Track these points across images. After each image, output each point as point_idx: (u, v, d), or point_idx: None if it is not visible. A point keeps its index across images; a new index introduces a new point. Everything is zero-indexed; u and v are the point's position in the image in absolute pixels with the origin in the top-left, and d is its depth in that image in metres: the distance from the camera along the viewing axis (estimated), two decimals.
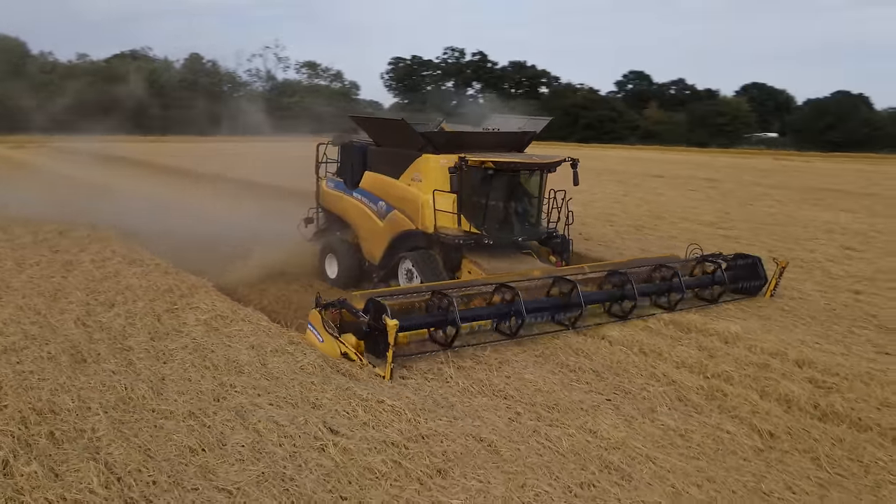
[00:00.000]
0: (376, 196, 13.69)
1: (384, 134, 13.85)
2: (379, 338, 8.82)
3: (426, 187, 12.42)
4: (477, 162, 11.83)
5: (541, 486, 6.33)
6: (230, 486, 6.12)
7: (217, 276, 13.24)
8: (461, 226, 12.28)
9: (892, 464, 7.10)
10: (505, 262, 12.48)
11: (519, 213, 12.93)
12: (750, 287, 13.10)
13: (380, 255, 13.56)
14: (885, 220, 23.55)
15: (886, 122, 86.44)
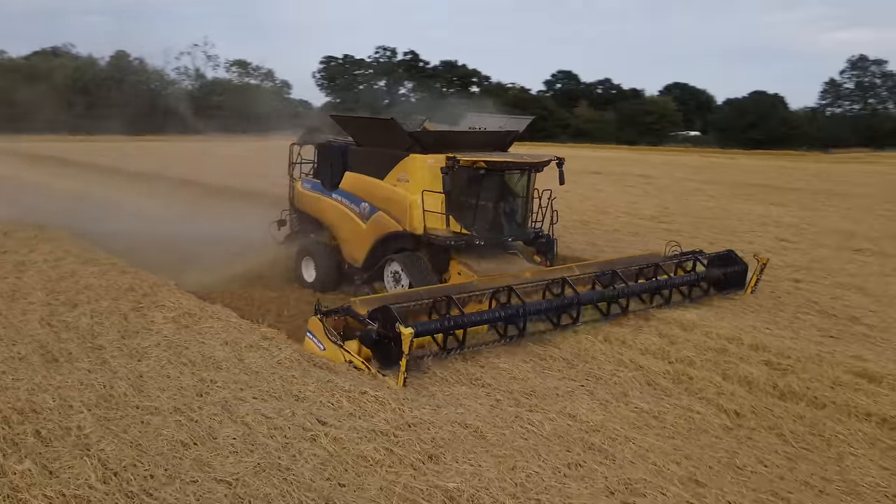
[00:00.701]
0: (358, 197, 13.35)
1: (368, 134, 13.54)
2: (390, 346, 8.62)
3: (414, 188, 12.14)
4: (468, 162, 11.67)
5: (531, 467, 6.56)
6: (229, 478, 6.18)
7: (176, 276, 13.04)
8: (450, 226, 12.05)
9: (850, 437, 7.57)
10: (494, 263, 12.32)
11: (508, 214, 12.77)
12: (733, 284, 13.13)
13: (363, 257, 13.27)
14: (813, 213, 24.66)
15: (802, 120, 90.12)
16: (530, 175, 12.72)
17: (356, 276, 13.58)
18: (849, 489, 6.59)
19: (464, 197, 12.12)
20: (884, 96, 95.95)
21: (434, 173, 11.89)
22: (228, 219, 18.48)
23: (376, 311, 8.98)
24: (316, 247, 14.41)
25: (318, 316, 9.19)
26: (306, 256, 14.55)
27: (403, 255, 12.41)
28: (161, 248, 15.20)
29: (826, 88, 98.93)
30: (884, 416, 8.01)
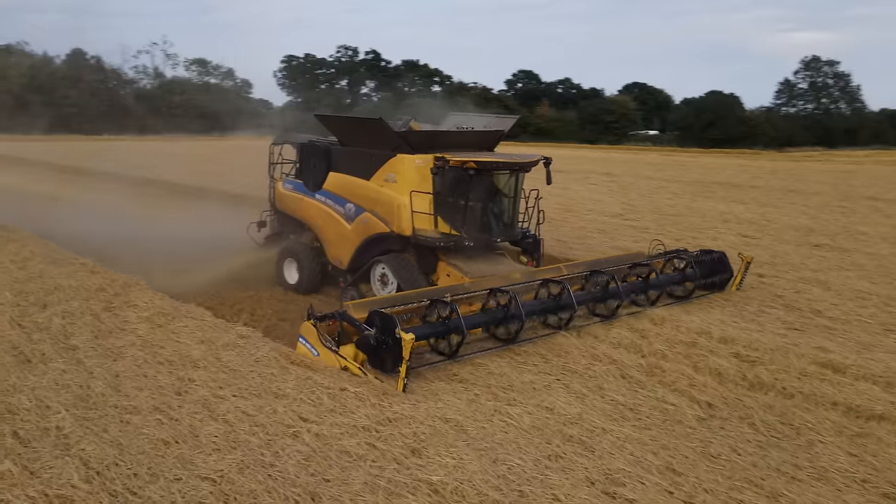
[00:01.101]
0: (343, 198, 13.12)
1: (354, 134, 13.33)
2: (388, 351, 8.43)
3: (401, 188, 11.96)
4: (458, 162, 11.44)
5: (512, 459, 6.66)
6: (213, 475, 6.18)
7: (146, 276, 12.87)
8: (438, 227, 11.87)
9: (819, 425, 7.80)
10: (483, 265, 12.16)
11: (496, 214, 12.62)
12: (718, 282, 13.21)
13: (348, 259, 13.05)
14: (772, 210, 25.19)
15: (759, 120, 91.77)
16: (519, 175, 12.58)
17: (341, 278, 13.40)
18: (819, 475, 6.80)
19: (452, 197, 11.94)
20: (836, 96, 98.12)
21: (422, 173, 11.77)
22: (191, 219, 18.31)
23: (373, 316, 8.79)
24: (299, 248, 14.18)
25: (312, 321, 8.97)
26: (289, 258, 14.33)
27: (391, 256, 12.24)
28: (128, 249, 14.99)
29: (781, 88, 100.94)
30: (849, 405, 8.27)
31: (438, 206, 11.82)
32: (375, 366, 8.60)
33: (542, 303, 10.60)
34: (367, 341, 8.59)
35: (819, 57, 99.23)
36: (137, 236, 16.34)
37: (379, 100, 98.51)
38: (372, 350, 8.60)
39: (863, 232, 20.32)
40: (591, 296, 11.29)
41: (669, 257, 13.34)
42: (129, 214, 20.12)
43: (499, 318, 9.91)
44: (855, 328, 11.31)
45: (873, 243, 18.68)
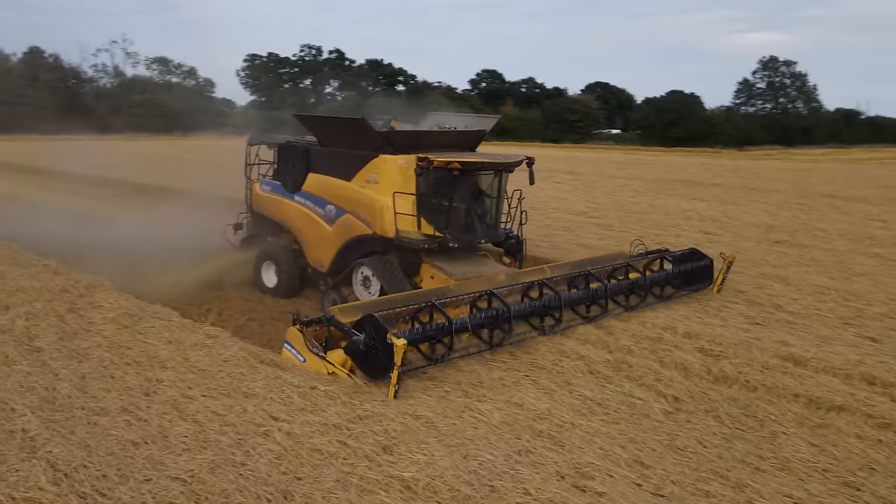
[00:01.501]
0: (323, 199, 12.86)
1: (334, 134, 13.08)
2: (378, 357, 8.24)
3: (384, 189, 11.74)
4: (442, 162, 11.26)
5: (483, 455, 6.72)
6: (183, 475, 6.16)
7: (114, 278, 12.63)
8: (421, 229, 11.68)
9: (781, 417, 7.98)
10: (467, 266, 11.97)
11: (480, 215, 12.45)
12: (699, 282, 13.11)
13: (328, 261, 12.84)
14: (733, 208, 25.55)
15: (720, 119, 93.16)
16: (503, 175, 12.43)
17: (321, 281, 13.19)
18: (782, 465, 6.97)
19: (436, 198, 11.73)
20: (793, 96, 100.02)
21: (405, 174, 11.59)
22: (156, 219, 18.09)
23: (362, 321, 8.56)
24: (278, 251, 13.93)
25: (298, 326, 8.76)
26: (267, 261, 14.08)
27: (373, 258, 12.04)
28: (93, 251, 14.70)
29: (740, 88, 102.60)
30: (810, 397, 8.47)
31: (422, 208, 11.64)
32: (365, 372, 8.39)
33: (530, 306, 10.46)
34: (357, 347, 8.38)
35: (777, 57, 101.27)
36: (102, 237, 16.05)
37: (343, 99, 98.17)
38: (361, 356, 8.38)
39: (821, 229, 20.74)
40: (578, 298, 11.16)
41: (652, 258, 13.27)
42: (91, 215, 19.84)
43: (488, 322, 9.76)
44: (815, 322, 11.55)
45: (831, 240, 19.09)
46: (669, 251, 13.76)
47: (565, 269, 12.15)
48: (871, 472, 6.88)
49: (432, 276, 11.77)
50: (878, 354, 10.03)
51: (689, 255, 13.43)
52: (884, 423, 7.90)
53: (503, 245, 13.22)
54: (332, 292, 12.65)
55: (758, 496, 6.35)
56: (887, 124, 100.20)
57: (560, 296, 10.57)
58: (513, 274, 11.80)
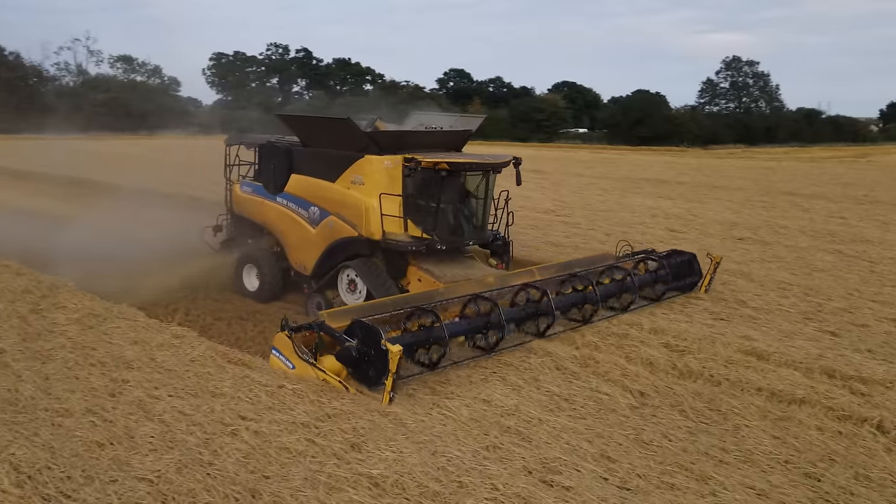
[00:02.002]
0: (307, 201, 12.54)
1: (318, 134, 12.75)
2: (372, 363, 8.09)
3: (370, 190, 11.50)
4: (430, 163, 11.04)
5: (451, 451, 6.76)
6: (150, 475, 6.12)
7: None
8: (408, 231, 11.47)
9: (744, 410, 8.12)
10: (455, 269, 11.73)
11: (467, 216, 12.26)
12: (686, 283, 13.08)
13: (312, 264, 12.53)
14: (698, 205, 25.88)
15: (684, 118, 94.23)
16: (490, 176, 12.26)
17: (305, 285, 12.94)
18: (745, 457, 7.09)
19: (423, 199, 11.52)
20: (756, 95, 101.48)
21: (391, 175, 11.41)
22: (123, 219, 17.84)
23: (354, 326, 8.41)
24: (259, 254, 13.61)
25: (286, 332, 8.51)
26: (248, 264, 13.72)
27: (359, 261, 11.79)
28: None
29: (703, 88, 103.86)
30: (772, 390, 8.63)
31: (408, 209, 11.46)
32: (358, 379, 8.25)
33: (522, 309, 10.31)
34: (349, 353, 8.23)
35: (739, 57, 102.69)
36: (64, 238, 15.75)
37: (311, 98, 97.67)
38: (354, 362, 8.25)
39: (783, 226, 21.10)
40: (568, 301, 11.01)
41: (640, 259, 13.12)
42: (54, 214, 19.51)
43: (480, 327, 9.58)
44: (777, 317, 11.75)
45: (792, 236, 19.43)
46: (656, 252, 13.68)
47: (553, 271, 12.04)
48: (832, 464, 7.03)
49: (420, 278, 11.57)
50: (838, 348, 10.26)
51: (674, 256, 13.36)
52: (843, 415, 8.07)
53: (490, 246, 13.02)
54: (316, 296, 12.43)
55: (721, 488, 6.46)
56: (847, 123, 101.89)
57: (551, 300, 10.34)
58: (501, 276, 11.65)
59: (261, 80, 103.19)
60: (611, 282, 11.99)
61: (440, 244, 11.51)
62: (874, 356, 10.02)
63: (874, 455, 7.21)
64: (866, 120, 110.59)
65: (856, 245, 18.24)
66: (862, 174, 40.97)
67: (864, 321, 11.66)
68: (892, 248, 17.84)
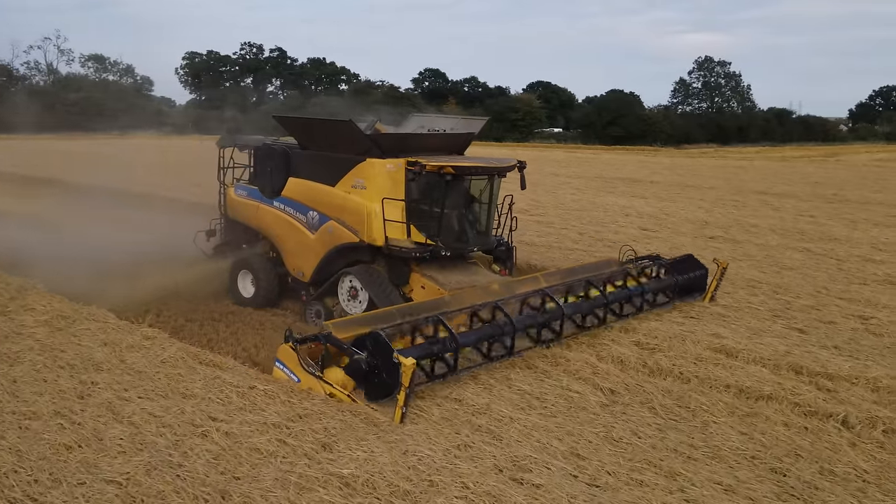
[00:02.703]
0: (305, 205, 12.16)
1: (317, 136, 12.39)
2: (382, 376, 7.88)
3: (371, 195, 11.14)
4: (435, 167, 10.73)
5: (422, 450, 6.79)
6: (119, 478, 6.09)
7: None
8: (411, 236, 11.13)
9: (713, 407, 8.22)
10: (459, 275, 11.42)
11: (471, 222, 11.97)
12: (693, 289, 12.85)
13: (311, 271, 12.17)
14: (670, 204, 26.15)
15: (657, 117, 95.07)
16: (495, 180, 11.93)
17: (303, 291, 12.57)
18: (713, 454, 7.18)
19: (426, 204, 11.22)
20: (728, 95, 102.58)
21: (394, 179, 11.11)
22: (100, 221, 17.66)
23: (364, 338, 8.17)
24: (254, 259, 13.19)
25: (291, 343, 8.21)
26: (243, 270, 13.23)
27: (360, 268, 11.47)
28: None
29: (676, 88, 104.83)
30: (741, 387, 8.74)
31: (411, 214, 11.16)
32: (367, 392, 8.03)
33: (531, 317, 10.01)
34: (359, 366, 8.02)
35: (712, 57, 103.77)
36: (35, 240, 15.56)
37: (285, 98, 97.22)
38: (363, 376, 8.03)
39: (754, 224, 21.37)
40: (577, 308, 10.71)
41: (644, 265, 12.78)
42: (21, 214, 19.28)
43: (491, 335, 9.31)
44: (746, 315, 11.91)
45: (763, 235, 19.68)
46: (661, 257, 13.46)
47: (558, 278, 11.73)
48: (797, 459, 7.14)
49: (423, 285, 11.26)
50: (806, 345, 10.41)
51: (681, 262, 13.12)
52: (809, 410, 8.20)
53: (492, 252, 12.68)
54: (315, 303, 12.11)
55: (689, 484, 6.54)
56: (817, 123, 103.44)
57: (562, 307, 10.17)
58: (507, 283, 11.37)
59: (235, 79, 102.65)
60: (618, 289, 11.70)
61: (445, 250, 11.20)
62: (840, 353, 10.19)
63: (839, 450, 7.33)
64: (836, 120, 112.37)
65: (824, 243, 18.53)
66: (831, 173, 41.60)
67: (831, 318, 11.86)
68: (859, 246, 18.15)
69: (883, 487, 6.67)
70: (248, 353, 10.33)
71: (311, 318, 11.93)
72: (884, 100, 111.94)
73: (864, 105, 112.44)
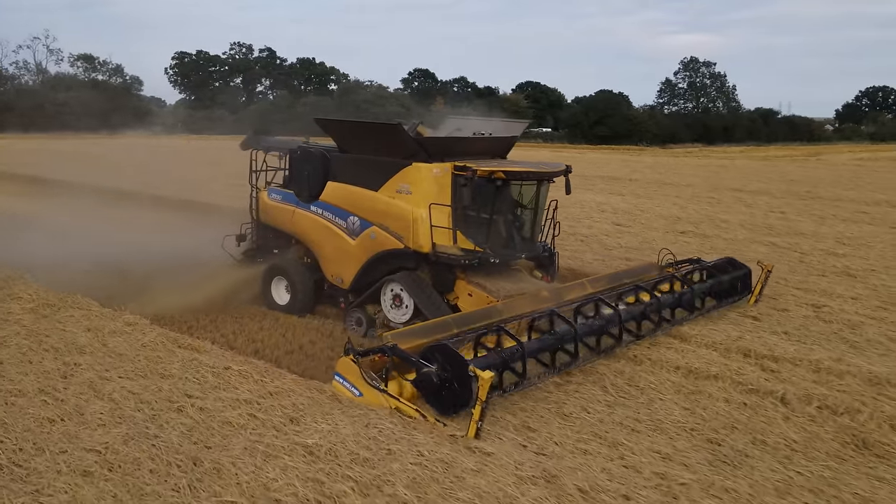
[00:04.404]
0: (346, 210, 11.83)
1: (361, 140, 12.09)
2: (453, 390, 7.62)
3: (417, 200, 10.86)
4: (486, 172, 10.49)
5: (384, 424, 7.27)
6: (98, 447, 6.57)
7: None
8: (457, 243, 10.83)
9: (660, 385, 8.77)
10: (506, 282, 11.13)
11: (518, 228, 11.74)
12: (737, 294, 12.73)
13: (351, 277, 11.85)
14: (646, 201, 26.76)
15: (643, 117, 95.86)
16: (543, 185, 11.66)
17: (341, 298, 12.32)
18: (655, 426, 7.72)
19: (474, 210, 10.99)
20: (713, 96, 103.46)
21: (440, 184, 10.84)
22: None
23: (432, 350, 7.96)
24: (289, 265, 12.84)
25: (352, 356, 7.95)
26: (277, 276, 12.94)
27: (404, 275, 11.20)
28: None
29: (662, 88, 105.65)
30: (689, 368, 9.29)
31: (458, 220, 10.88)
32: (436, 406, 7.75)
33: (590, 325, 9.69)
34: (429, 379, 7.74)
35: (697, 58, 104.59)
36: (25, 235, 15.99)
37: (274, 98, 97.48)
38: (435, 389, 7.74)
39: (724, 220, 21.95)
40: (629, 315, 10.34)
41: (689, 269, 12.72)
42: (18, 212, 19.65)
43: (554, 344, 9.01)
44: None
45: (732, 229, 20.28)
46: (702, 260, 13.37)
47: (604, 283, 11.76)
48: (733, 430, 7.69)
49: (470, 293, 10.99)
50: (758, 331, 10.98)
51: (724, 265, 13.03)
52: (751, 388, 8.75)
53: (534, 258, 12.32)
54: (355, 311, 11.90)
55: (630, 452, 7.08)
56: (802, 123, 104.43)
57: (620, 313, 9.96)
58: (555, 289, 11.23)
59: (224, 79, 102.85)
60: (664, 294, 11.43)
61: (493, 258, 10.95)
62: (789, 338, 10.74)
63: (773, 423, 7.89)
64: (823, 120, 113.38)
65: (790, 237, 19.12)
66: (810, 172, 42.26)
67: (786, 306, 12.42)
68: (823, 241, 18.75)
69: (808, 455, 7.23)
70: (227, 339, 10.81)
71: (352, 325, 11.84)
72: (870, 100, 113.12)
73: (850, 105, 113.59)
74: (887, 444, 7.45)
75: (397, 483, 6.13)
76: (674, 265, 13.13)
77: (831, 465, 7.04)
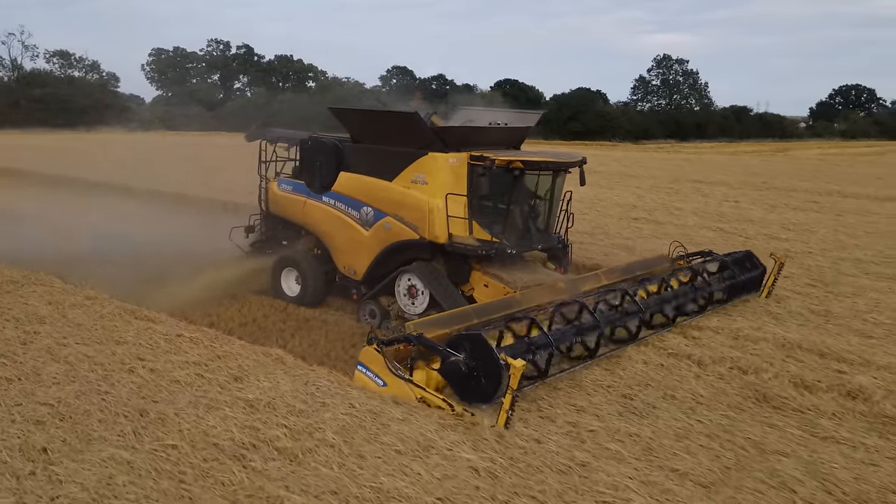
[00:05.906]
0: (359, 201, 11.74)
1: (375, 129, 11.99)
2: (482, 379, 7.53)
3: (434, 190, 10.78)
4: (504, 161, 10.44)
5: (321, 382, 7.87)
6: (51, 401, 7.11)
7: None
8: (473, 233, 10.79)
9: None
10: (522, 273, 11.11)
11: (534, 218, 11.72)
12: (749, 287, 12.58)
13: (364, 268, 11.80)
14: (606, 191, 27.48)
15: (616, 114, 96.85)
16: (559, 176, 11.58)
17: (354, 290, 12.29)
18: (575, 384, 8.31)
19: (490, 200, 11.03)
20: (686, 93, 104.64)
21: (456, 174, 10.74)
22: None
23: (460, 339, 7.88)
24: (300, 256, 12.80)
25: (376, 346, 7.81)
26: (287, 267, 12.89)
27: (419, 265, 11.13)
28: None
29: (636, 85, 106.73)
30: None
31: (474, 210, 10.84)
32: (462, 396, 7.66)
33: (608, 315, 9.68)
34: (457, 368, 7.66)
35: (670, 56, 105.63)
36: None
37: (252, 94, 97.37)
38: (462, 378, 7.67)
39: (678, 208, 22.73)
40: (646, 305, 10.31)
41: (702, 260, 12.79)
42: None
43: (577, 333, 9.03)
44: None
45: (685, 217, 21.03)
46: (714, 252, 13.29)
47: (618, 275, 11.79)
48: (646, 387, 8.33)
49: (486, 284, 10.98)
50: None
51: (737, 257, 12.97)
52: (671, 353, 9.42)
53: (549, 249, 12.29)
54: (368, 302, 11.87)
55: (547, 406, 7.70)
56: (774, 121, 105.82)
57: (638, 303, 9.98)
58: (571, 281, 11.17)
59: (201, 76, 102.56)
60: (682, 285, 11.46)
61: (510, 248, 10.95)
62: (717, 312, 11.41)
63: (684, 381, 8.55)
64: (798, 118, 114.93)
65: (738, 224, 19.90)
66: (773, 166, 43.26)
67: None
68: (769, 227, 19.55)
69: (710, 406, 7.90)
70: (183, 312, 11.29)
71: (365, 317, 11.86)
72: (843, 98, 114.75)
73: (823, 104, 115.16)
74: (785, 398, 8.14)
75: (327, 430, 6.70)
76: (685, 257, 13.14)
77: (730, 414, 7.73)
